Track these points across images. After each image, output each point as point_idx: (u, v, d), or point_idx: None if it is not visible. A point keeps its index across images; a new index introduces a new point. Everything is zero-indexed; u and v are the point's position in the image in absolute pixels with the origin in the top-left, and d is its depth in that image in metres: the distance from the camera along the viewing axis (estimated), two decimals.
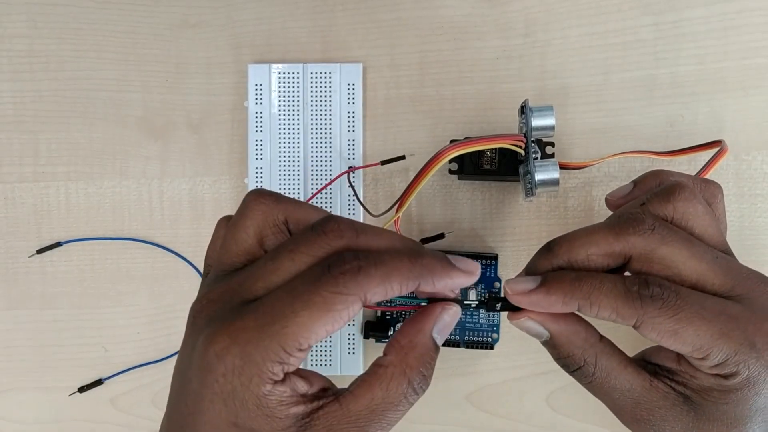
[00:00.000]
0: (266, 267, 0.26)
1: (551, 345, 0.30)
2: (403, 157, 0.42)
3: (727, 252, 0.30)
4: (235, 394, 0.24)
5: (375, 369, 0.26)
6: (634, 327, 0.27)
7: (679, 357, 0.28)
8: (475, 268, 0.27)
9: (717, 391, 0.27)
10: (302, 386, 0.26)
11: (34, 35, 0.44)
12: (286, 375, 0.25)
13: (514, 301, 0.29)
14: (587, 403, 0.42)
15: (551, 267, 0.29)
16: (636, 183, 0.34)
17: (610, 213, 0.41)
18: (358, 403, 0.26)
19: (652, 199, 0.29)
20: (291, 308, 0.24)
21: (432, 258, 0.26)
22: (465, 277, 0.27)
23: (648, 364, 0.30)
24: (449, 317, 0.28)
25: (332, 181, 0.41)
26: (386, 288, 0.25)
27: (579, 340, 0.29)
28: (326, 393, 0.26)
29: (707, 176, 0.36)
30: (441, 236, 0.41)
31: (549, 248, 0.29)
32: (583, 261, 0.28)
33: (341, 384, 0.27)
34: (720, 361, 0.27)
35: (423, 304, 0.29)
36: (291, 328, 0.24)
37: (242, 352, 0.24)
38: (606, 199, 0.35)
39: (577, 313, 0.29)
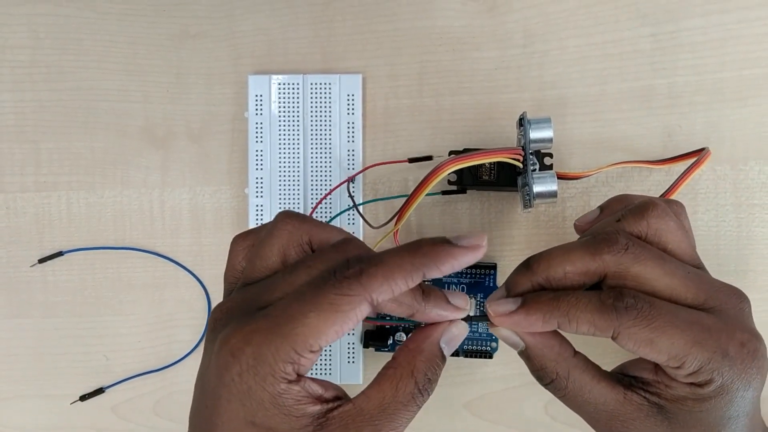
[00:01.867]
0: (284, 279, 0.27)
1: (526, 356, 0.30)
2: (430, 158, 0.42)
3: (699, 266, 0.31)
4: (251, 393, 0.25)
5: (385, 371, 0.28)
6: (613, 338, 0.28)
7: (656, 368, 0.29)
8: (480, 240, 0.27)
9: (691, 400, 0.28)
10: (317, 389, 0.27)
11: (36, 46, 0.44)
12: (300, 376, 0.26)
13: (497, 322, 0.30)
14: None
15: (530, 284, 0.30)
16: (603, 208, 0.34)
17: None
18: (370, 402, 0.27)
19: (626, 216, 0.30)
20: (300, 311, 0.25)
21: (431, 244, 0.27)
22: (471, 253, 0.27)
23: (625, 377, 0.30)
24: (457, 330, 0.29)
25: (331, 190, 0.42)
26: (391, 285, 0.26)
27: (552, 353, 0.30)
28: (340, 399, 0.27)
29: (684, 185, 0.39)
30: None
31: (527, 266, 0.30)
32: (560, 279, 0.29)
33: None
34: (695, 369, 0.27)
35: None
36: (301, 329, 0.25)
37: (255, 352, 0.25)
38: (575, 225, 0.35)
39: (557, 330, 0.29)
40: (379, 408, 0.27)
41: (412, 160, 0.42)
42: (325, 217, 0.43)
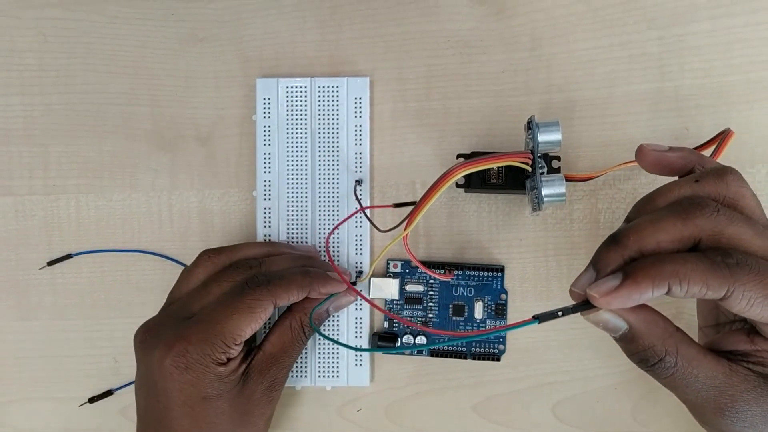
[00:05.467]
0: (199, 293, 0.37)
1: (629, 338, 0.29)
2: (413, 203, 0.42)
3: None
4: (199, 379, 0.35)
5: (282, 320, 0.39)
6: (722, 300, 0.27)
7: (752, 338, 0.28)
8: (342, 282, 0.39)
9: None
10: (239, 356, 0.36)
11: (44, 49, 0.44)
12: (230, 359, 0.36)
13: (603, 303, 0.27)
14: (593, 413, 0.42)
15: (622, 259, 0.28)
16: (672, 149, 0.33)
17: (617, 221, 0.42)
18: (274, 347, 0.38)
19: (706, 177, 0.29)
20: (224, 314, 0.35)
21: (316, 274, 0.38)
22: (338, 285, 0.39)
23: (719, 352, 0.29)
24: (345, 300, 0.41)
25: (343, 221, 0.42)
26: (288, 294, 0.37)
27: (658, 329, 0.28)
28: (253, 349, 0.38)
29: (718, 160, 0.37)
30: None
31: (616, 241, 0.28)
32: (653, 249, 0.28)
33: (347, 397, 0.27)
34: None
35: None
36: (227, 326, 0.35)
37: (197, 349, 0.35)
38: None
39: (648, 304, 0.28)
40: (281, 349, 0.38)
41: (397, 206, 0.42)
42: (333, 222, 0.43)
